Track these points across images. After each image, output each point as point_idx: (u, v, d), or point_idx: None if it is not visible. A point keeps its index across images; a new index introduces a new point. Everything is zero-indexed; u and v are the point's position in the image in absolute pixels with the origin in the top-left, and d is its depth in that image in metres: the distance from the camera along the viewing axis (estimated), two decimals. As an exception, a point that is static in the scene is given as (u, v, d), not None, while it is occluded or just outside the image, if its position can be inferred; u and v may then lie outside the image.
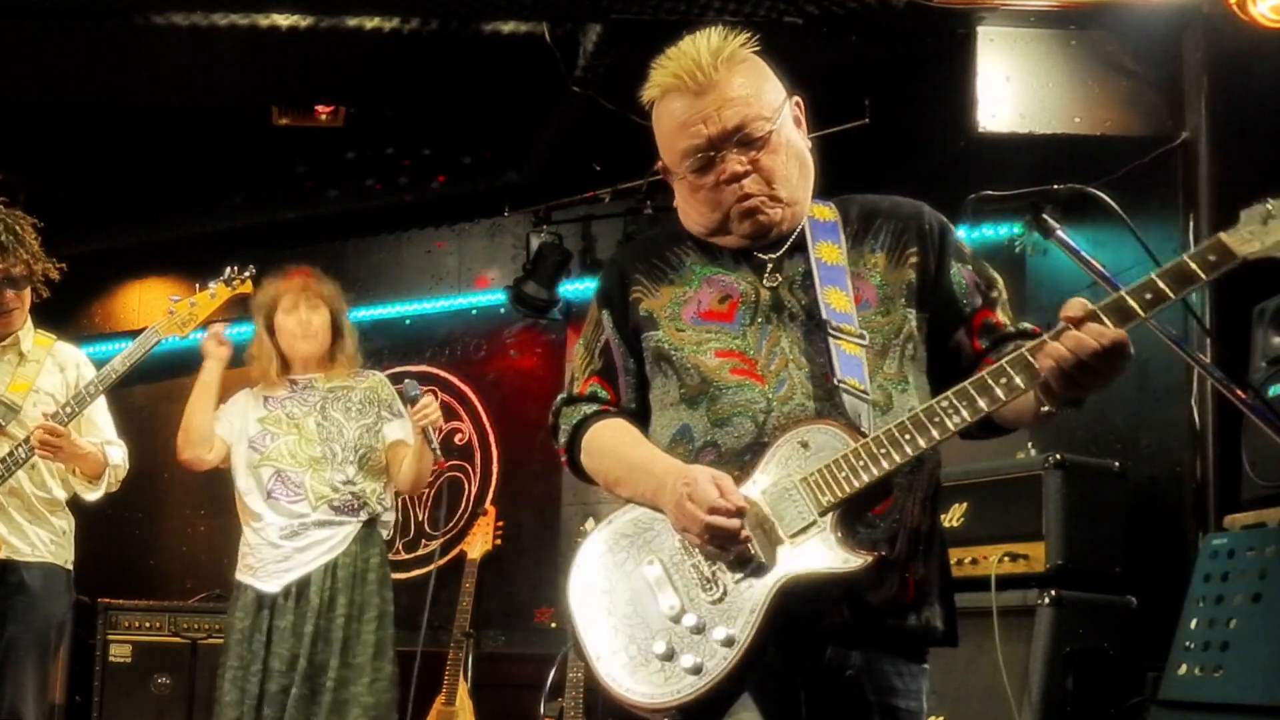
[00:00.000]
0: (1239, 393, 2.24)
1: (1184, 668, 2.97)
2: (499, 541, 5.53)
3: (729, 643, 1.73)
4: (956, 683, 3.52)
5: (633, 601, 1.82)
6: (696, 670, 1.73)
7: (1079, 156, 4.05)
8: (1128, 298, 1.63)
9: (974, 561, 3.63)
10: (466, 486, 6.00)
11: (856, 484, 1.71)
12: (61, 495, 3.68)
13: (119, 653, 5.54)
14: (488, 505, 5.81)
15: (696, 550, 1.79)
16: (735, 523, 1.73)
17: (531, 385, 5.84)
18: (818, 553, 1.71)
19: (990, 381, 1.68)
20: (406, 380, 3.87)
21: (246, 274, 3.76)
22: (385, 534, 3.96)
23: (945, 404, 1.70)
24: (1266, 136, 3.78)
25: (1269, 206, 1.62)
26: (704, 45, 1.91)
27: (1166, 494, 3.83)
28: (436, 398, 6.06)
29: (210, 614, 5.54)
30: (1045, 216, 2.10)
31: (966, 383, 1.70)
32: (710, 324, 1.89)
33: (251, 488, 3.86)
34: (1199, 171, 3.84)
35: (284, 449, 3.83)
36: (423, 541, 6.00)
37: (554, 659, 4.94)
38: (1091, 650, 3.40)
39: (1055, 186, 2.13)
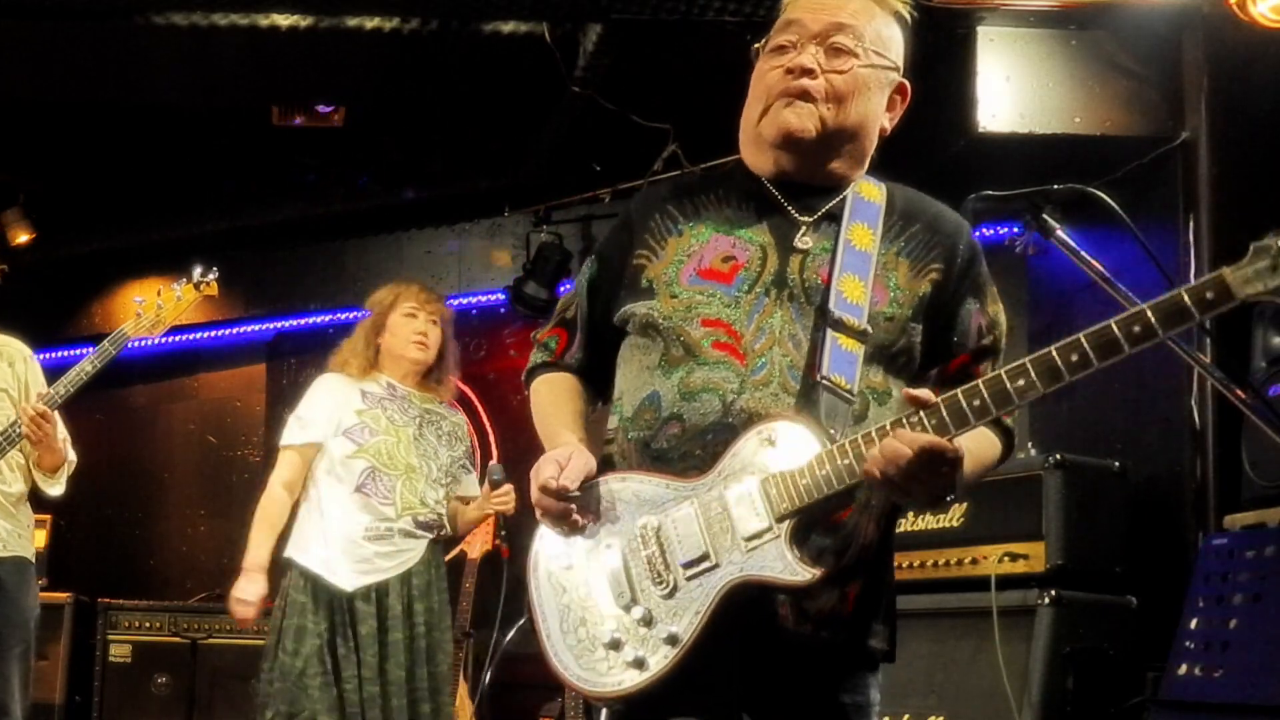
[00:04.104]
0: (1239, 393, 2.24)
1: (1184, 668, 2.97)
2: (499, 541, 5.52)
3: (672, 640, 1.71)
4: (956, 683, 3.52)
5: (588, 584, 1.80)
6: (639, 664, 1.72)
7: (1079, 156, 4.05)
8: (1115, 327, 1.55)
9: (974, 561, 3.63)
10: (466, 486, 6.00)
11: (816, 495, 1.67)
12: (21, 489, 3.68)
13: (119, 653, 5.54)
14: (488, 505, 5.80)
15: (654, 541, 1.76)
16: (557, 506, 1.76)
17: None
18: (770, 560, 1.67)
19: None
20: (492, 463, 3.87)
21: (212, 275, 3.76)
22: None
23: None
24: (1266, 136, 3.79)
25: (1275, 244, 1.50)
26: None
27: (1166, 494, 3.83)
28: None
29: (210, 614, 5.54)
30: (1045, 216, 2.10)
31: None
32: (706, 284, 1.81)
33: (340, 477, 3.72)
34: (1199, 171, 3.84)
35: (382, 448, 3.73)
36: (423, 541, 6.00)
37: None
38: (1091, 650, 3.40)
39: (1055, 186, 2.13)
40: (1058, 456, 3.55)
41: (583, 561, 1.82)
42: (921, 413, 1.62)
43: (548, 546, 1.86)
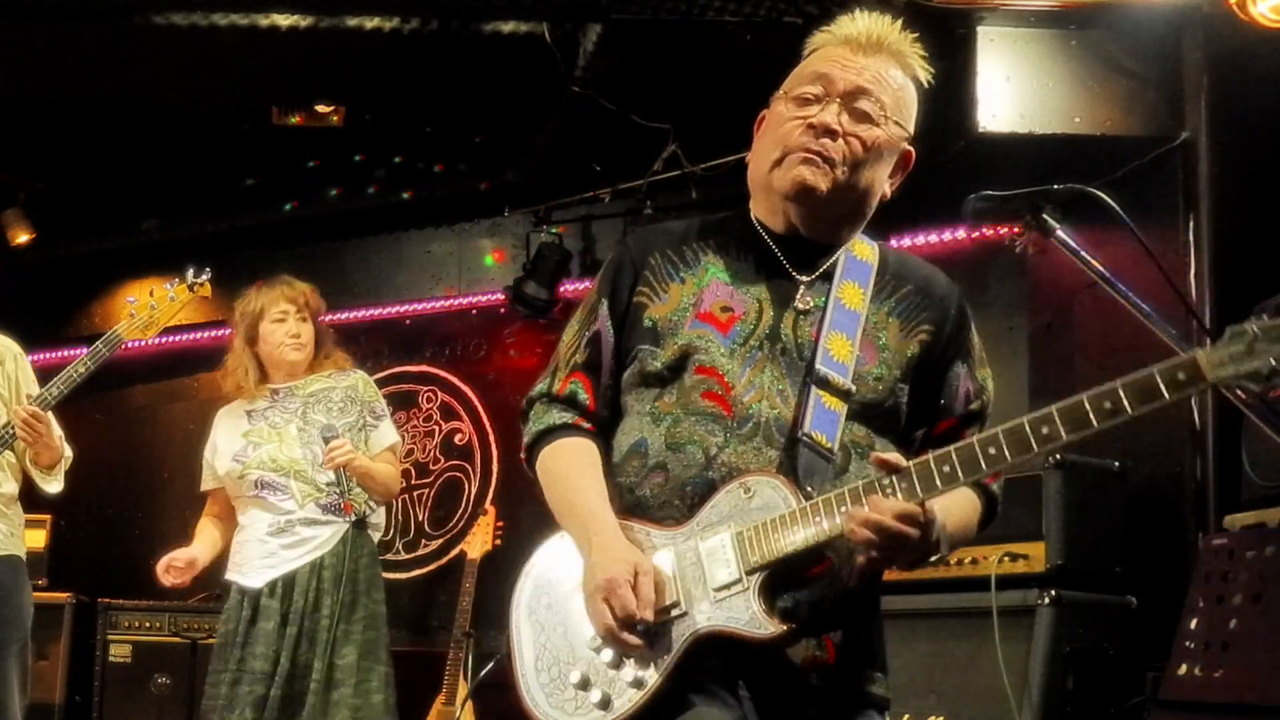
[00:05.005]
0: (1239, 393, 2.24)
1: (1184, 668, 2.97)
2: (499, 541, 5.53)
3: (638, 684, 1.72)
4: (956, 683, 3.52)
5: (565, 624, 1.82)
6: (604, 705, 1.73)
7: (1079, 156, 4.04)
8: (1086, 403, 1.57)
9: (974, 561, 3.63)
10: (466, 486, 6.00)
11: (786, 549, 1.68)
12: (13, 489, 3.67)
13: (119, 653, 5.54)
14: (488, 505, 5.81)
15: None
16: (635, 641, 1.70)
17: (531, 385, 5.82)
18: (736, 612, 1.69)
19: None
20: (324, 423, 3.81)
21: (204, 276, 3.79)
22: (376, 535, 3.94)
23: (886, 483, 1.68)
24: (1266, 136, 3.78)
25: (1255, 329, 1.50)
26: (898, 32, 1.90)
27: (1166, 494, 3.83)
28: (436, 398, 6.13)
29: (210, 614, 5.52)
30: (1045, 216, 2.10)
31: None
32: (706, 328, 1.83)
33: (237, 494, 3.87)
34: (1199, 171, 3.83)
35: (265, 457, 3.80)
36: (423, 541, 6.00)
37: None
38: (1091, 650, 3.39)
39: (1055, 186, 2.13)
40: (1058, 456, 3.55)
41: (562, 602, 1.84)
42: (892, 477, 1.64)
43: (531, 585, 1.88)
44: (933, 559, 1.71)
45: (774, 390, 1.79)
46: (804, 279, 1.86)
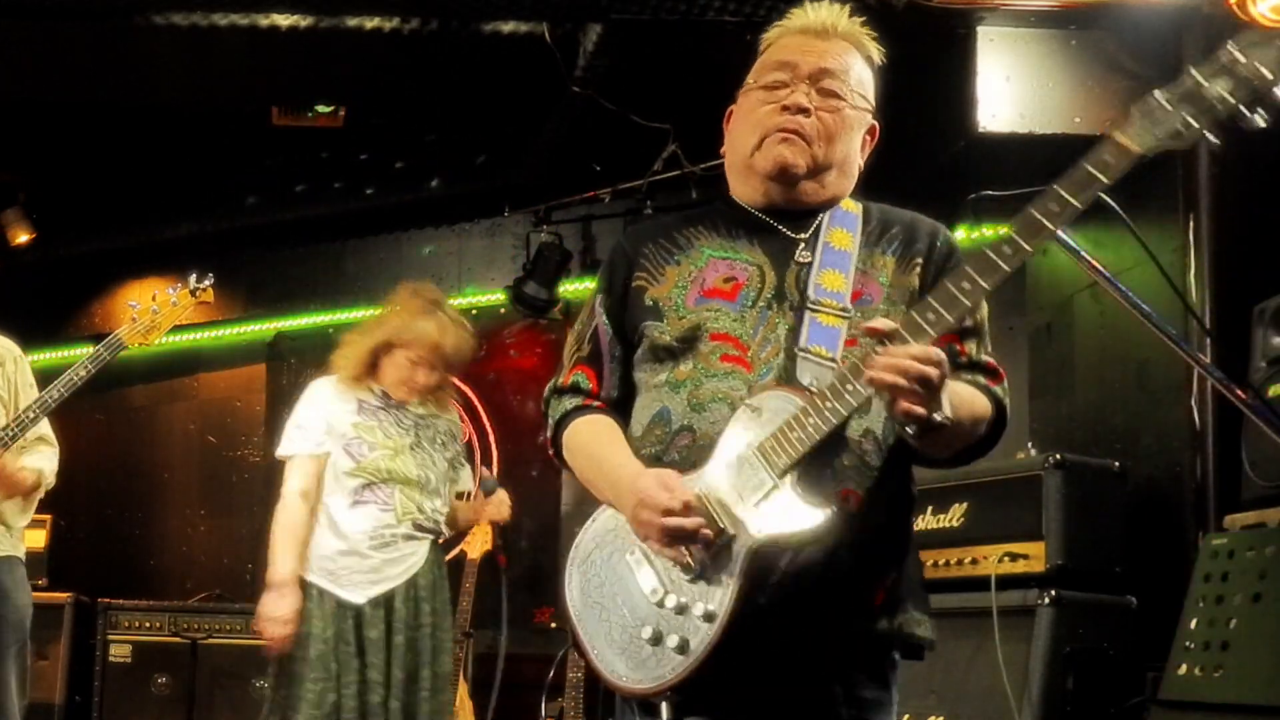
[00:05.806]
0: (1239, 393, 2.24)
1: (1184, 668, 2.97)
2: (499, 541, 5.53)
3: (709, 618, 1.74)
4: (956, 683, 3.52)
5: (620, 592, 1.86)
6: (682, 649, 1.76)
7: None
8: (1034, 212, 1.67)
9: (974, 561, 3.63)
10: (466, 486, 6.00)
11: (809, 442, 1.72)
12: None
13: (119, 653, 5.54)
14: (488, 505, 5.80)
15: None
16: (692, 521, 1.75)
17: (531, 385, 5.83)
18: (782, 514, 1.73)
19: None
20: (485, 474, 3.91)
21: (207, 282, 3.75)
22: None
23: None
24: (1266, 137, 3.77)
25: (1155, 100, 1.63)
26: (848, 19, 1.99)
27: (1166, 494, 3.83)
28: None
29: (210, 614, 5.55)
30: (1045, 216, 2.09)
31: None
32: (712, 301, 1.90)
33: (335, 492, 3.72)
34: (1199, 171, 3.84)
35: (381, 464, 3.72)
36: (423, 541, 6.00)
37: (554, 659, 4.94)
38: (1091, 650, 3.40)
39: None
40: (1058, 456, 3.55)
41: (610, 574, 1.88)
42: (885, 341, 1.67)
43: (579, 574, 1.92)
44: (936, 417, 1.69)
45: (790, 341, 1.85)
46: (801, 236, 1.95)
